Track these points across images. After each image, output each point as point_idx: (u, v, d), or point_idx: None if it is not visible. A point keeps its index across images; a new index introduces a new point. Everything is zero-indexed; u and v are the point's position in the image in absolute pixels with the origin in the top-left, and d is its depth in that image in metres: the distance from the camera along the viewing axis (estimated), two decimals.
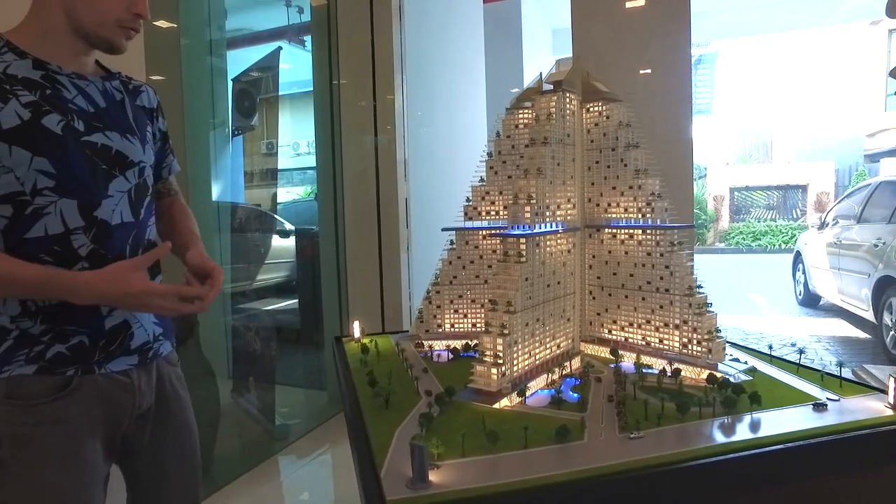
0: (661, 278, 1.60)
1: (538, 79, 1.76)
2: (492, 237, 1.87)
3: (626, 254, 1.68)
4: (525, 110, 1.82)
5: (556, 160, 1.60)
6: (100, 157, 1.08)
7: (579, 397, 1.39)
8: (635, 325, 1.67)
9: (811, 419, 1.23)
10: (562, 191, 1.65)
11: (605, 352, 1.72)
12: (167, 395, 1.23)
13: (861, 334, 5.95)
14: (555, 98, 1.62)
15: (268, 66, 3.74)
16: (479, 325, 1.88)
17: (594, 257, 1.77)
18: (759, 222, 16.85)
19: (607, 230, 1.73)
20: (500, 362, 1.38)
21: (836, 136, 18.06)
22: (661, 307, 1.61)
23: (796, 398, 1.35)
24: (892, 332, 4.90)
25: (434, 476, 1.00)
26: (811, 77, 22.31)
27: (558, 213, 1.63)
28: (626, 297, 1.69)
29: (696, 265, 1.67)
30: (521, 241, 1.46)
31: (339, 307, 3.59)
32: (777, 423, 1.21)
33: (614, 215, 1.72)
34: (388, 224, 3.40)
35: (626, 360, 1.64)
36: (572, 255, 1.69)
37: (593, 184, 1.77)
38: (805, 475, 1.16)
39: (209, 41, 3.26)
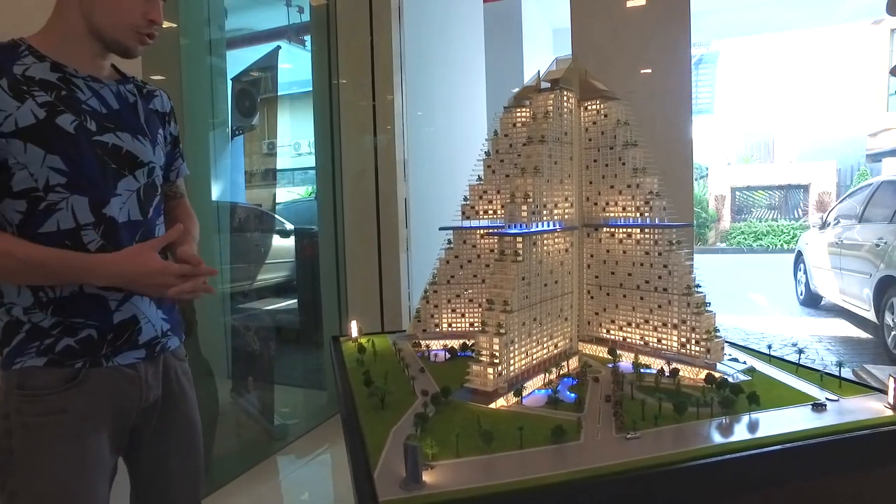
0: (660, 277, 1.59)
1: (536, 77, 1.75)
2: (489, 236, 1.86)
3: (625, 253, 1.67)
4: (522, 108, 1.81)
5: (553, 158, 1.59)
6: (110, 157, 1.12)
7: (576, 397, 1.38)
8: (633, 325, 1.66)
9: (810, 419, 1.22)
10: (559, 189, 1.64)
11: (603, 352, 1.71)
12: (173, 389, 1.26)
13: (862, 334, 5.93)
14: (552, 96, 1.61)
15: (267, 66, 3.74)
16: (476, 325, 1.87)
17: (592, 256, 1.76)
18: (761, 222, 16.82)
19: (605, 229, 1.72)
20: (496, 362, 1.37)
21: (837, 135, 18.03)
22: (660, 307, 1.60)
23: (795, 398, 1.35)
24: (893, 332, 4.89)
25: (428, 476, 0.99)
26: (813, 76, 22.30)
27: (556, 211, 1.62)
28: (625, 296, 1.68)
29: (696, 265, 1.66)
30: (518, 240, 1.45)
31: (338, 307, 3.59)
32: (775, 423, 1.20)
33: (612, 214, 1.71)
34: (388, 224, 3.39)
35: (624, 359, 1.63)
36: (570, 254, 1.68)
37: (591, 182, 1.76)
38: (803, 476, 1.15)
39: (209, 41, 3.25)
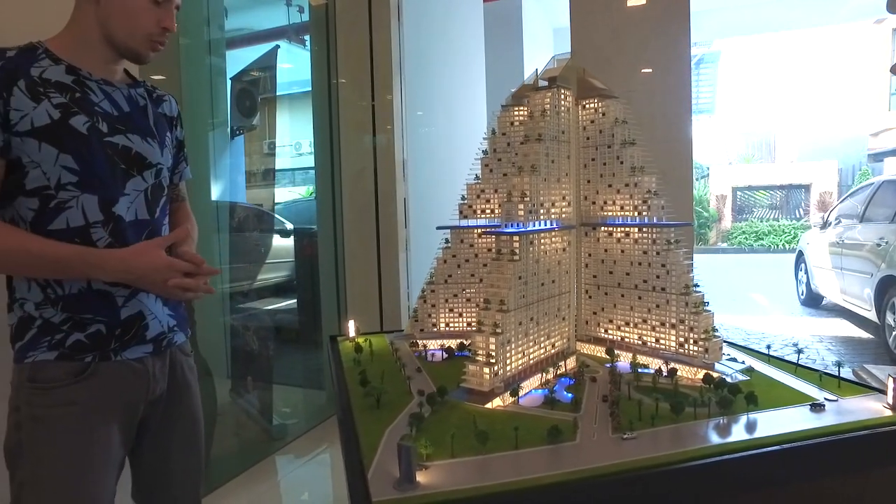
0: (658, 277, 1.58)
1: (534, 76, 1.74)
2: (486, 235, 1.86)
3: (623, 252, 1.66)
4: (520, 107, 1.80)
5: (550, 157, 1.59)
6: (120, 157, 1.16)
7: (573, 397, 1.37)
8: (631, 325, 1.66)
9: (808, 420, 1.21)
10: (556, 188, 1.63)
11: (600, 351, 1.70)
12: (178, 384, 1.31)
13: (863, 334, 5.91)
14: (549, 94, 1.61)
15: (265, 66, 3.73)
16: (474, 325, 1.85)
17: (590, 255, 1.75)
18: (762, 222, 16.79)
19: (603, 228, 1.71)
20: (492, 362, 1.36)
21: (839, 135, 18.01)
22: (658, 306, 1.59)
23: (793, 398, 1.34)
24: (894, 332, 4.87)
25: (422, 477, 0.98)
26: (814, 76, 22.29)
27: (553, 210, 1.61)
28: (623, 295, 1.67)
29: (696, 265, 1.65)
30: (515, 238, 1.44)
31: (337, 306, 3.58)
32: (773, 423, 1.19)
33: (610, 213, 1.70)
34: (387, 224, 3.39)
35: (622, 359, 1.62)
36: (567, 253, 1.67)
37: (589, 181, 1.75)
38: (801, 476, 1.14)
39: (208, 41, 3.24)
